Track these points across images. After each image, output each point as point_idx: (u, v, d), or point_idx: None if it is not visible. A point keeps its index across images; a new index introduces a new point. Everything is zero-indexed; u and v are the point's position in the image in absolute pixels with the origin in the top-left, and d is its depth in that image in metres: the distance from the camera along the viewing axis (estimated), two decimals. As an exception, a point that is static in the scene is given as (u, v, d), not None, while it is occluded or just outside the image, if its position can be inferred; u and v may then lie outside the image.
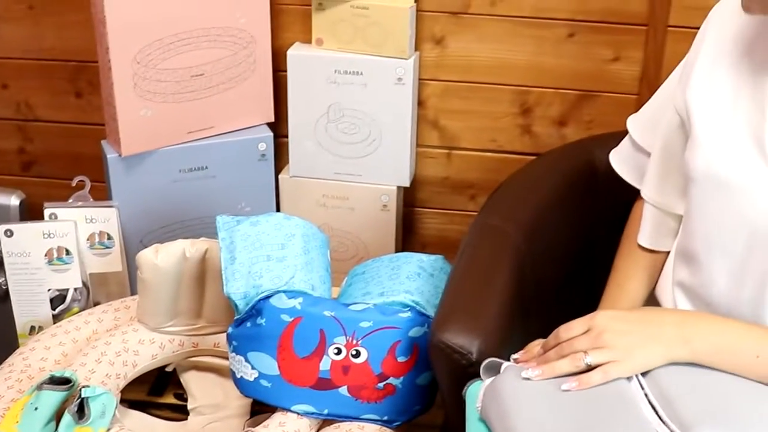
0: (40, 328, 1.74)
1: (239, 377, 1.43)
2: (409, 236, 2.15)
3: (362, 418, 1.43)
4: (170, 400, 1.64)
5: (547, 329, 1.17)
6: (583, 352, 1.09)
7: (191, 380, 1.62)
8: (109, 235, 1.79)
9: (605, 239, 1.47)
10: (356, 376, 1.40)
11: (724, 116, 1.17)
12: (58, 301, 1.76)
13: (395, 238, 2.04)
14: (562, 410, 1.05)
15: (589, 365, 1.08)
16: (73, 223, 1.74)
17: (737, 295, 1.17)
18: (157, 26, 1.80)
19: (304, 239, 1.47)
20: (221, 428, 1.57)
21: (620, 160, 1.48)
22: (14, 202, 2.05)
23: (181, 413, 1.61)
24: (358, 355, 1.39)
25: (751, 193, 1.12)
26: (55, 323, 1.67)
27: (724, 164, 1.15)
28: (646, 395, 1.06)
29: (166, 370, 1.62)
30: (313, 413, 1.42)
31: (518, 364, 1.16)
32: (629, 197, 1.45)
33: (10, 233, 1.70)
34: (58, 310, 1.75)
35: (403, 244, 2.11)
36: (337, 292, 1.55)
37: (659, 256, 1.36)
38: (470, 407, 1.15)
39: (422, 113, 2.03)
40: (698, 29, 1.26)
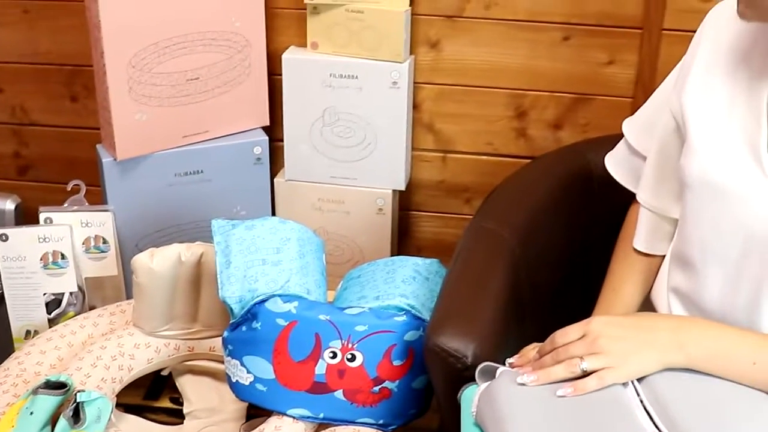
0: (35, 332, 1.74)
1: (235, 381, 1.43)
2: (404, 240, 2.15)
3: (358, 421, 1.43)
4: (166, 404, 1.64)
5: (542, 333, 1.17)
6: (578, 357, 1.09)
7: (187, 384, 1.62)
8: (104, 239, 1.80)
9: (600, 243, 1.47)
10: (352, 379, 1.40)
11: (719, 123, 1.17)
12: (53, 305, 1.76)
13: (391, 241, 2.04)
14: (557, 416, 1.05)
15: (584, 371, 1.08)
16: (68, 227, 1.74)
17: (732, 301, 1.17)
18: (152, 30, 1.80)
19: (299, 243, 1.47)
20: (217, 432, 1.58)
21: (615, 163, 1.47)
22: (9, 206, 2.05)
23: (176, 417, 1.61)
24: (353, 358, 1.39)
25: (746, 200, 1.12)
26: (50, 327, 1.66)
27: (719, 171, 1.15)
28: (641, 401, 1.06)
29: (161, 374, 1.62)
30: (308, 417, 1.42)
31: (513, 368, 1.16)
32: (624, 201, 1.45)
33: (5, 237, 1.70)
34: (53, 314, 1.76)
35: (398, 247, 2.11)
36: (332, 295, 1.55)
37: (655, 260, 1.36)
38: (465, 412, 1.15)
39: (417, 117, 2.03)
40: (693, 32, 1.26)
